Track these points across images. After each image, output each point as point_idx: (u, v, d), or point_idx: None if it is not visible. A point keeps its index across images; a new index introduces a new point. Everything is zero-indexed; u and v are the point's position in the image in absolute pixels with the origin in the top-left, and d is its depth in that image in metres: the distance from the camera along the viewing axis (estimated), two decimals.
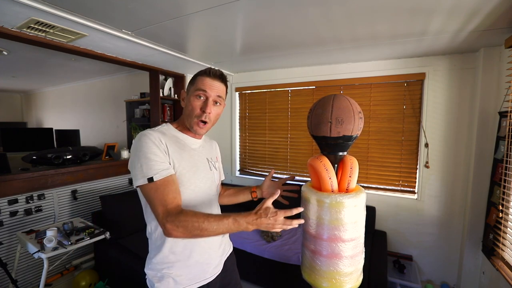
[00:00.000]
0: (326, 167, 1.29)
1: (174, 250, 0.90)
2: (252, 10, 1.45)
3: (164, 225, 0.78)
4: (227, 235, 1.14)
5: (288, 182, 1.28)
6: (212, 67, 0.98)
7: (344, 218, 1.23)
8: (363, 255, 1.35)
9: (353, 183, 1.33)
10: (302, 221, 0.81)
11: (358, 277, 1.32)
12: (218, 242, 1.03)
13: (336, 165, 1.35)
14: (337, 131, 1.25)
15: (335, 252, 1.25)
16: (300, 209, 0.80)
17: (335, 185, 1.30)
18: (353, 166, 1.32)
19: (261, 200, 1.14)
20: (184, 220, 0.77)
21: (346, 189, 1.32)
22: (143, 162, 0.81)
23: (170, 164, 0.86)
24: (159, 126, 0.96)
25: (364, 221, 1.32)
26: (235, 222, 0.77)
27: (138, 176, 0.81)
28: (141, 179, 0.81)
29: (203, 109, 0.92)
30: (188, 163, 0.92)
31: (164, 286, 0.88)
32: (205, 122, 0.94)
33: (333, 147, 1.31)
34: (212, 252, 0.99)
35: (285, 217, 0.81)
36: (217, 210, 1.09)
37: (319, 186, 1.33)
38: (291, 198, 1.26)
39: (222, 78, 0.96)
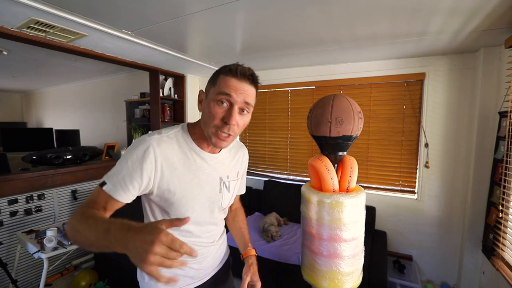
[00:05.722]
0: (327, 167, 1.29)
1: None
2: (252, 10, 1.45)
3: None
4: (224, 244, 1.05)
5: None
6: (240, 63, 0.75)
7: (345, 218, 1.23)
8: (363, 254, 1.35)
9: (353, 183, 1.34)
10: (194, 252, 0.51)
11: (358, 277, 1.32)
12: (218, 253, 0.99)
13: (336, 165, 1.35)
14: (337, 131, 1.25)
15: (335, 252, 1.25)
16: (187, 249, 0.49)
17: (336, 185, 1.30)
18: (353, 166, 1.32)
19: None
20: (75, 213, 0.65)
21: (347, 189, 1.33)
22: (117, 165, 0.72)
23: (143, 187, 0.72)
24: (172, 130, 0.79)
25: (364, 221, 1.32)
26: (107, 233, 0.53)
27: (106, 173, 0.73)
28: (103, 177, 0.72)
29: (225, 120, 0.72)
30: (189, 186, 0.78)
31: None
32: (228, 135, 0.75)
33: (333, 147, 1.31)
34: (209, 260, 0.94)
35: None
36: (218, 237, 0.97)
37: (319, 186, 1.34)
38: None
39: (252, 78, 0.75)
